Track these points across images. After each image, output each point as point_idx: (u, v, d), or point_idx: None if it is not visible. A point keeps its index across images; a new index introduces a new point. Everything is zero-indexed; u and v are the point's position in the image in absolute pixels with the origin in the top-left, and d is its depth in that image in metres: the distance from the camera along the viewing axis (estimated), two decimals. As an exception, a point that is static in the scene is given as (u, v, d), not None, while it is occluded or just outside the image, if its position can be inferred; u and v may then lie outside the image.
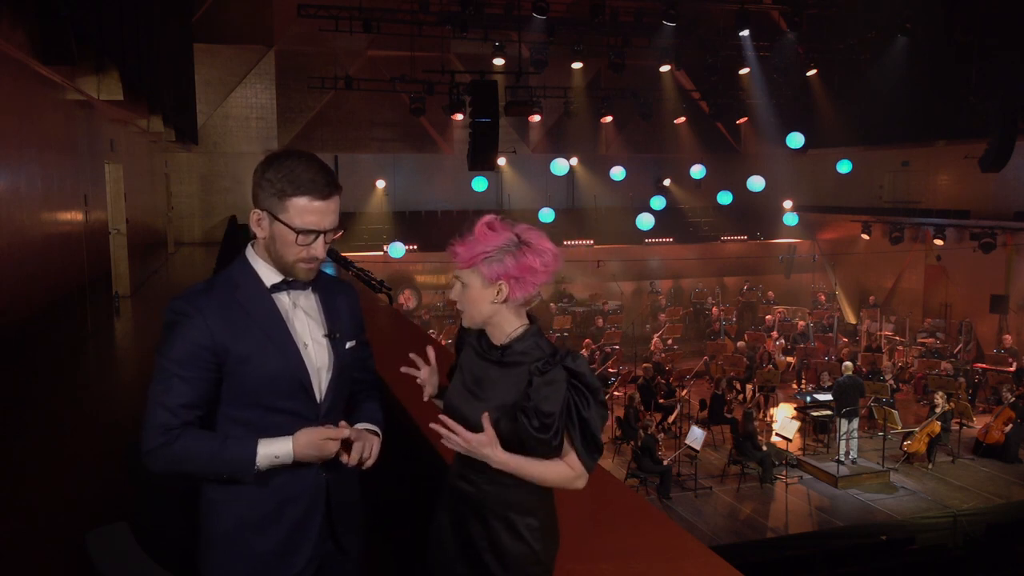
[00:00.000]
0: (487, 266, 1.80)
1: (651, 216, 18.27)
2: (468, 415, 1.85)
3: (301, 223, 1.78)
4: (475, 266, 1.81)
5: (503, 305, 1.83)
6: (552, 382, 1.76)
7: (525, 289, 1.82)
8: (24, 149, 5.88)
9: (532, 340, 1.86)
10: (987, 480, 11.04)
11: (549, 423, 1.75)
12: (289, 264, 1.84)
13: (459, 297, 1.87)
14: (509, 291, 1.81)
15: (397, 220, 20.16)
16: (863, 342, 17.09)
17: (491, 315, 1.85)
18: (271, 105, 19.08)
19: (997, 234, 16.01)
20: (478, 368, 1.90)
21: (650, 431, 10.78)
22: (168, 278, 12.45)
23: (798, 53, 18.87)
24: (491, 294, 1.82)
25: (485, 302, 1.83)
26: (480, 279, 1.82)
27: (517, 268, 1.80)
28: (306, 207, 1.78)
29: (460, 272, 1.84)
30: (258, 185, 1.81)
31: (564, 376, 1.77)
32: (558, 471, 1.82)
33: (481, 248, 1.80)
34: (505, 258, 1.80)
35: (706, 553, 2.24)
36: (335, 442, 1.80)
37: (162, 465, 1.75)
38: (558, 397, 1.76)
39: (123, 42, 6.15)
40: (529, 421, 1.76)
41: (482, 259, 1.80)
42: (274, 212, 1.79)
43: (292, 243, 1.80)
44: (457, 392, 1.92)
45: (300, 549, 1.88)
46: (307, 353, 1.86)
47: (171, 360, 1.75)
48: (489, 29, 16.94)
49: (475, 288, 1.83)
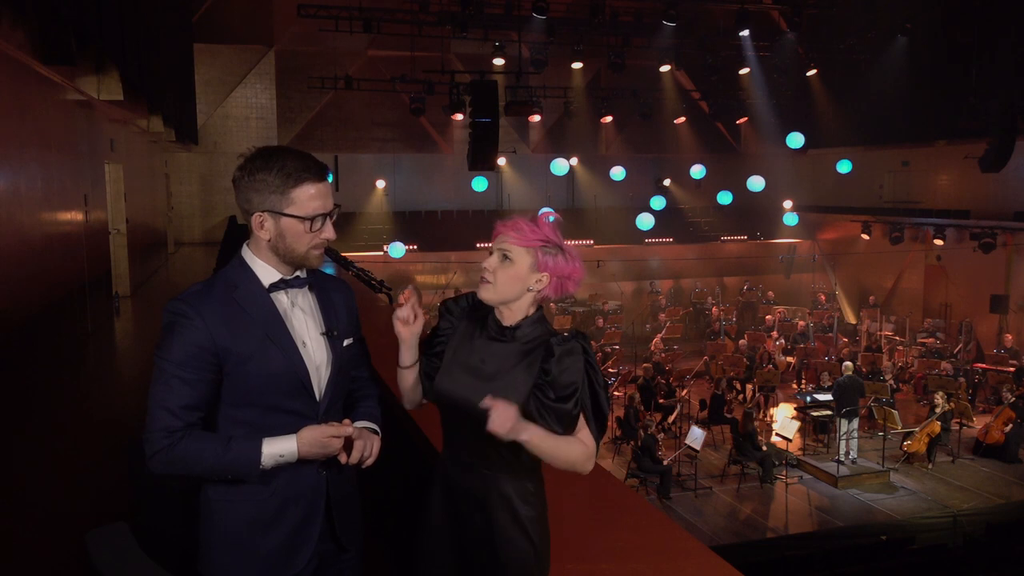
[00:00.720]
0: (543, 253, 1.86)
1: (651, 216, 18.27)
2: (472, 398, 1.84)
3: (311, 209, 1.80)
4: (533, 248, 1.85)
5: (531, 294, 1.87)
6: (571, 352, 1.82)
7: (557, 290, 1.89)
8: (24, 149, 5.88)
9: (540, 323, 1.91)
10: (987, 480, 11.04)
11: (570, 393, 1.80)
12: (302, 255, 1.85)
13: (497, 268, 1.86)
14: (547, 286, 1.87)
15: (397, 220, 20.16)
16: (863, 342, 17.09)
17: (517, 297, 1.88)
18: (271, 105, 19.08)
19: (997, 234, 16.01)
20: (482, 350, 1.90)
21: (650, 431, 10.78)
22: (168, 278, 12.45)
23: (798, 53, 18.87)
24: (532, 280, 1.86)
25: (523, 284, 1.86)
26: (531, 261, 1.86)
27: (565, 268, 1.87)
28: (310, 193, 1.80)
29: (512, 247, 1.86)
30: (250, 189, 1.80)
31: (581, 348, 1.83)
32: (575, 447, 1.85)
33: (544, 235, 1.87)
34: (558, 255, 1.87)
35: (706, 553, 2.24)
36: (339, 439, 1.81)
37: (166, 468, 1.74)
38: (578, 367, 1.81)
39: (123, 42, 6.15)
40: (545, 394, 1.79)
41: (541, 245, 1.86)
42: (278, 209, 1.80)
43: (304, 232, 1.82)
44: (455, 380, 1.90)
45: (301, 548, 1.88)
46: (306, 351, 1.87)
47: (171, 362, 1.74)
48: (489, 29, 16.94)
49: (521, 267, 1.86)
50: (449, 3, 16.55)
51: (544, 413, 1.79)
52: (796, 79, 19.47)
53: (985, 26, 15.05)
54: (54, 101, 6.84)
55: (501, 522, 1.85)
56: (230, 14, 17.92)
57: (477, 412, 1.81)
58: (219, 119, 18.68)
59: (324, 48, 18.47)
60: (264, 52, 18.87)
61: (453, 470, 1.91)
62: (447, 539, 1.92)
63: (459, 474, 1.89)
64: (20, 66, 5.64)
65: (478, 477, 1.86)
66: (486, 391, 1.81)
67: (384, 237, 18.96)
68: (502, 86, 16.76)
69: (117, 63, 6.35)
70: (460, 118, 18.12)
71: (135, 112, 9.12)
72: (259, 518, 1.84)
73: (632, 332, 18.07)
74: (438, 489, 1.96)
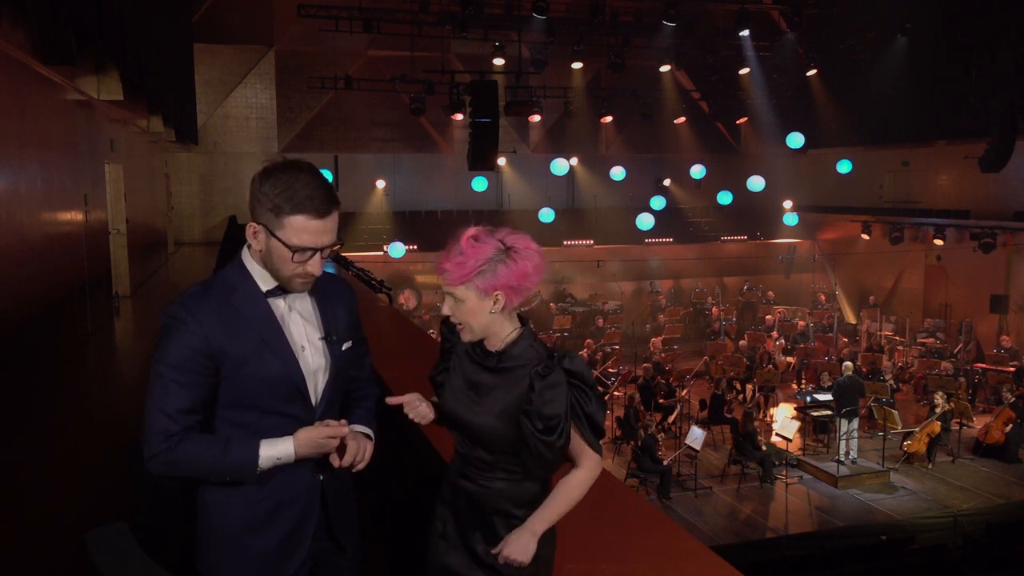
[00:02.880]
0: (481, 279, 1.78)
1: (651, 216, 18.28)
2: (471, 420, 1.85)
3: (297, 242, 1.75)
4: (469, 280, 1.79)
5: (500, 313, 1.83)
6: (554, 385, 1.76)
7: (520, 295, 1.82)
8: (24, 149, 5.88)
9: (527, 343, 1.86)
10: (987, 480, 11.04)
11: (554, 425, 1.75)
12: (285, 279, 1.83)
13: (454, 312, 1.84)
14: (506, 300, 1.80)
15: (397, 220, 20.16)
16: (863, 342, 17.10)
17: (489, 324, 1.84)
18: (271, 105, 19.08)
19: (997, 234, 16.01)
20: (472, 373, 1.89)
21: (650, 431, 10.78)
22: (168, 278, 12.45)
23: (798, 53, 18.87)
24: (488, 305, 1.81)
25: (483, 313, 1.82)
26: (476, 293, 1.80)
27: (511, 276, 1.78)
28: (303, 226, 1.75)
29: (453, 289, 1.81)
30: (255, 198, 1.78)
31: (564, 377, 1.77)
32: (580, 482, 1.85)
33: (472, 263, 1.78)
34: (498, 268, 1.78)
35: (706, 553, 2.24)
36: (335, 439, 1.81)
37: (165, 470, 1.75)
38: (561, 399, 1.76)
39: (123, 42, 6.15)
40: (533, 424, 1.76)
41: (475, 274, 1.78)
42: (270, 228, 1.77)
43: (288, 260, 1.78)
44: (454, 396, 1.91)
45: (297, 548, 1.89)
46: (303, 357, 1.86)
47: (168, 366, 1.74)
48: (489, 29, 16.94)
49: (471, 302, 1.81)
50: (449, 3, 16.54)
51: (531, 441, 1.77)
52: (796, 79, 19.47)
53: (985, 26, 15.05)
54: (54, 101, 6.84)
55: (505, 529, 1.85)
56: (230, 14, 17.92)
57: (468, 430, 1.84)
58: (219, 119, 18.67)
59: (324, 48, 18.46)
60: (264, 52, 18.86)
61: (459, 480, 1.92)
62: (454, 547, 1.92)
63: (465, 483, 1.90)
64: (20, 66, 5.64)
65: (482, 487, 1.87)
66: (474, 411, 1.83)
67: (384, 237, 18.97)
68: (502, 86, 16.77)
69: (117, 63, 6.35)
70: (460, 118, 18.12)
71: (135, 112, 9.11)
72: (253, 520, 1.84)
73: (632, 332, 18.07)
74: (445, 497, 1.97)
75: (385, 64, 19.30)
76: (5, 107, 5.46)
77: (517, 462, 1.83)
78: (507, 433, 1.80)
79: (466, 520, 1.89)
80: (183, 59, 12.98)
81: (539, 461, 1.80)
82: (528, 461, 1.81)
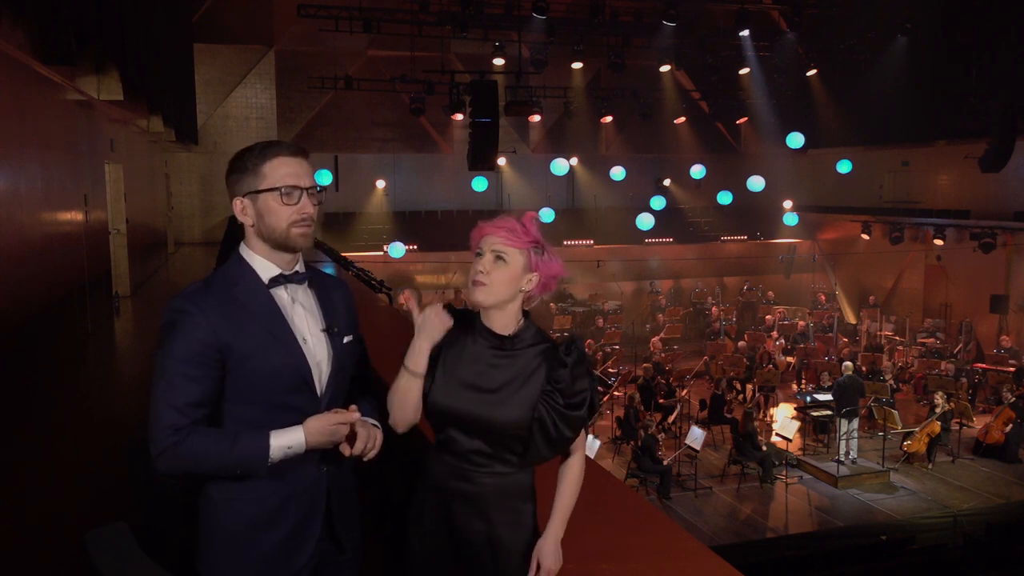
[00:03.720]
0: (536, 254, 1.86)
1: (651, 216, 18.27)
2: (471, 410, 1.85)
3: (281, 181, 1.82)
4: (527, 248, 1.85)
5: (521, 295, 1.87)
6: (581, 361, 1.85)
7: (543, 289, 1.89)
8: (24, 149, 5.88)
9: (535, 329, 1.92)
10: (987, 480, 11.04)
11: (582, 400, 1.83)
12: (284, 232, 1.84)
13: (491, 271, 1.85)
14: (536, 285, 1.87)
15: (397, 220, 20.16)
16: (863, 342, 17.09)
17: (511, 299, 1.87)
18: (271, 105, 19.07)
19: (997, 234, 16.01)
20: (479, 361, 1.88)
21: (650, 431, 10.78)
22: (168, 278, 12.45)
23: (798, 53, 18.86)
24: (523, 280, 1.86)
25: (517, 285, 1.86)
26: (524, 262, 1.86)
27: (553, 267, 1.88)
28: (281, 164, 1.83)
29: (506, 248, 1.85)
30: (232, 177, 1.86)
31: (586, 355, 1.88)
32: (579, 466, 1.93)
33: (531, 236, 1.86)
34: (545, 255, 1.87)
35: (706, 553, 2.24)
36: (345, 426, 1.80)
37: (173, 466, 1.73)
38: (587, 374, 1.86)
39: (123, 42, 6.15)
40: (556, 400, 1.81)
41: (532, 246, 1.85)
42: (253, 187, 1.83)
43: (280, 207, 1.82)
44: (449, 393, 1.88)
45: (301, 547, 1.88)
46: (307, 347, 1.87)
47: (175, 359, 1.73)
48: (489, 29, 16.93)
49: (516, 267, 1.85)
50: (449, 3, 16.54)
51: (556, 420, 1.80)
52: (796, 79, 19.46)
53: (985, 26, 15.05)
54: (54, 101, 6.84)
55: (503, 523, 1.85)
56: (230, 14, 17.91)
57: (481, 426, 1.83)
58: (219, 119, 18.66)
59: (324, 48, 18.46)
60: (264, 52, 18.85)
61: (450, 478, 1.90)
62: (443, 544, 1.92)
63: (457, 481, 1.88)
64: (20, 66, 5.64)
65: (482, 483, 1.86)
66: (490, 403, 1.83)
67: (384, 237, 18.96)
68: (502, 86, 16.77)
69: (117, 63, 6.35)
70: (460, 118, 18.12)
71: (135, 112, 9.11)
72: (261, 516, 1.83)
73: (632, 332, 18.06)
74: (431, 496, 1.94)
75: (385, 64, 19.30)
76: (5, 107, 5.46)
77: (515, 451, 1.83)
78: (511, 417, 1.83)
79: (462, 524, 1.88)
80: (183, 59, 12.97)
81: (552, 444, 1.83)
82: (536, 447, 1.82)
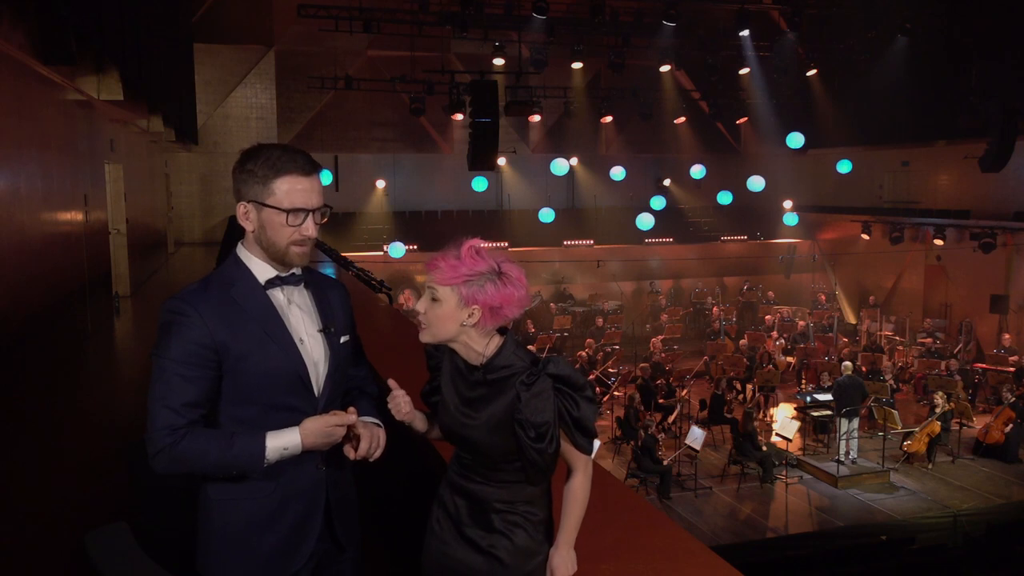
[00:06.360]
0: (467, 288, 1.80)
1: (651, 216, 18.27)
2: (466, 434, 1.87)
3: (289, 203, 1.80)
4: (455, 285, 1.80)
5: (471, 328, 1.83)
6: (539, 393, 1.78)
7: (497, 319, 1.82)
8: (24, 149, 5.88)
9: (510, 352, 1.87)
10: (987, 480, 11.04)
11: (543, 432, 1.78)
12: (282, 249, 1.84)
13: (427, 310, 1.84)
14: (481, 318, 1.81)
15: (397, 220, 20.16)
16: (863, 342, 17.08)
17: (455, 336, 1.85)
18: (271, 105, 19.07)
19: (997, 234, 16.01)
20: (463, 388, 1.90)
21: (650, 431, 10.78)
22: (168, 278, 12.45)
23: (798, 53, 18.86)
24: (463, 316, 1.82)
25: (455, 323, 1.83)
26: (457, 299, 1.81)
27: (495, 297, 1.80)
28: (292, 186, 1.80)
29: (437, 287, 1.82)
30: (239, 179, 1.83)
31: (550, 384, 1.79)
32: (582, 486, 1.89)
33: (465, 270, 1.80)
34: (486, 285, 1.80)
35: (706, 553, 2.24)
36: (342, 428, 1.81)
37: (170, 466, 1.74)
38: (548, 406, 1.78)
39: (123, 42, 6.15)
40: (525, 432, 1.78)
41: (463, 280, 1.79)
42: (260, 199, 1.80)
43: (283, 226, 1.81)
44: (449, 412, 1.92)
45: (300, 547, 1.88)
46: (303, 348, 1.87)
47: (172, 360, 1.74)
48: (489, 29, 16.92)
49: (448, 306, 1.82)
50: (449, 3, 16.54)
51: (525, 449, 1.79)
52: (796, 79, 19.46)
53: (985, 26, 15.05)
54: (54, 101, 6.84)
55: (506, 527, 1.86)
56: (230, 14, 17.91)
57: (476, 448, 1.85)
58: (219, 119, 18.67)
59: (324, 48, 18.46)
60: (264, 52, 18.85)
61: (458, 479, 1.92)
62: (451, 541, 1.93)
63: (467, 484, 1.91)
64: (20, 66, 5.64)
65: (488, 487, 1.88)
66: (477, 429, 1.84)
67: (384, 237, 18.96)
68: (502, 86, 16.77)
69: (117, 63, 6.35)
70: (460, 118, 18.11)
71: (135, 112, 9.10)
72: (260, 516, 1.83)
73: (632, 332, 18.06)
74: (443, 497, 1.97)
75: (385, 64, 19.30)
76: (5, 107, 5.46)
77: (517, 467, 1.84)
78: (502, 443, 1.82)
79: (465, 513, 1.90)
80: (183, 59, 12.96)
81: (535, 468, 1.82)
82: (527, 468, 1.83)
